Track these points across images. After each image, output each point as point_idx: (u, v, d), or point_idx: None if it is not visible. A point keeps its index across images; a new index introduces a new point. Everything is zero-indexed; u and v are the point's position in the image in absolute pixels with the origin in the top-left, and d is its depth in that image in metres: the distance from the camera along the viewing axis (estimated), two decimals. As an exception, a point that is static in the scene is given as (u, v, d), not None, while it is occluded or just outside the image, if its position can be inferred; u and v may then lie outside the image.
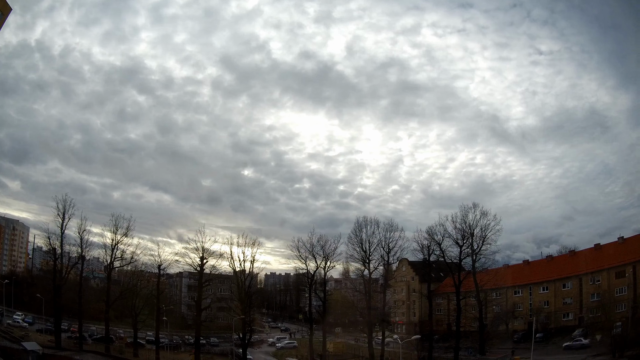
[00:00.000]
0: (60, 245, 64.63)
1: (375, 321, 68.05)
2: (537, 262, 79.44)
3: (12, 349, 52.99)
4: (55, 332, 62.81)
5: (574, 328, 64.31)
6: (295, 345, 78.46)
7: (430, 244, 66.63)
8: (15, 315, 74.29)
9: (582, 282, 66.87)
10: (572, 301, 67.96)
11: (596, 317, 60.43)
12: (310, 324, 69.87)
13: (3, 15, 35.67)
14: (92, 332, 72.64)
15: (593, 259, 67.11)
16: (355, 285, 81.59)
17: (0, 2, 34.67)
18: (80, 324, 65.98)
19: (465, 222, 64.21)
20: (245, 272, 65.77)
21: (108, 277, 70.13)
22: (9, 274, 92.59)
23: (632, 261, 59.98)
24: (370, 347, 64.19)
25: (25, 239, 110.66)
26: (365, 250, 67.24)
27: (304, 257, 67.50)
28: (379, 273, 72.87)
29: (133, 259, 68.20)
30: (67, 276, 65.72)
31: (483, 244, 63.58)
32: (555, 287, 70.42)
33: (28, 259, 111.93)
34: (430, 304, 69.99)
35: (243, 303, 64.64)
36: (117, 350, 64.52)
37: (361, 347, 70.71)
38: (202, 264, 64.32)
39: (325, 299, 69.94)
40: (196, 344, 63.25)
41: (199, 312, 64.62)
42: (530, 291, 73.57)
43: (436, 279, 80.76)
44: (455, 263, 66.44)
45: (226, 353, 67.80)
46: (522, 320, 71.96)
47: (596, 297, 63.71)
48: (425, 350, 63.50)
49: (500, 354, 61.12)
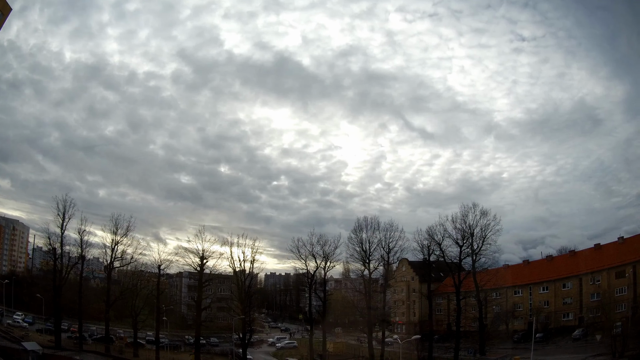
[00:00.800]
0: (60, 245, 64.63)
1: (375, 321, 68.02)
2: (537, 262, 79.54)
3: (12, 349, 52.94)
4: (55, 332, 62.73)
5: (574, 328, 64.41)
6: (295, 345, 78.43)
7: (430, 244, 66.73)
8: (15, 315, 74.29)
9: (582, 282, 66.86)
10: (572, 301, 67.98)
11: (596, 317, 60.25)
12: (310, 324, 69.85)
13: (3, 16, 35.70)
14: (92, 332, 72.61)
15: (593, 259, 67.13)
16: (355, 285, 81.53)
17: (0, 2, 34.70)
18: (80, 324, 65.92)
19: (465, 222, 64.41)
20: (245, 272, 65.80)
21: (108, 277, 70.15)
22: (9, 274, 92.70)
23: (632, 261, 60.03)
24: (370, 347, 64.16)
25: (25, 239, 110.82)
26: (365, 250, 67.26)
27: (304, 257, 67.57)
28: (379, 273, 72.90)
29: (133, 259, 68.37)
30: (67, 276, 65.59)
31: (483, 244, 63.79)
32: (555, 287, 70.45)
33: (28, 259, 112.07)
34: (430, 304, 69.99)
35: (243, 303, 64.62)
36: (117, 350, 64.44)
37: (361, 347, 70.66)
38: (202, 264, 64.36)
39: (325, 299, 69.87)
40: (196, 344, 63.21)
41: (199, 312, 64.61)
42: (530, 291, 73.59)
43: (436, 279, 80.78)
44: (455, 263, 66.45)
45: (226, 353, 67.77)
46: (522, 320, 71.94)
47: (596, 297, 63.63)
48: (425, 350, 63.51)
49: (500, 354, 61.13)
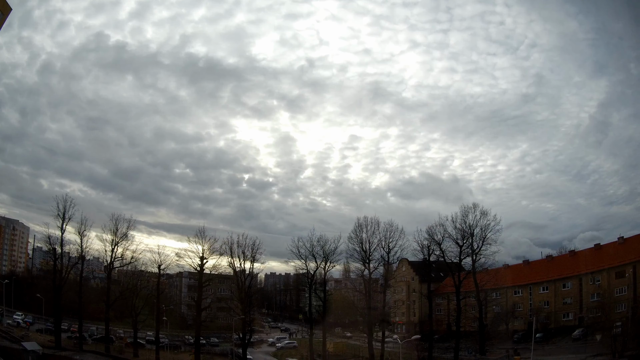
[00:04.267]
0: (60, 245, 64.65)
1: (375, 321, 67.96)
2: (537, 262, 79.44)
3: (12, 349, 52.90)
4: (55, 332, 62.73)
5: (574, 328, 64.37)
6: (295, 345, 78.41)
7: (430, 244, 66.58)
8: (15, 315, 74.22)
9: (582, 282, 66.82)
10: (572, 301, 67.96)
11: (596, 317, 60.26)
12: (310, 324, 69.81)
13: (3, 15, 35.71)
14: (92, 332, 72.52)
15: (593, 259, 67.09)
16: (355, 285, 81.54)
17: (0, 2, 34.71)
18: (80, 324, 65.90)
19: (465, 222, 64.35)
20: (245, 272, 65.84)
21: (108, 277, 70.15)
22: (9, 274, 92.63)
23: (632, 261, 59.96)
24: (370, 347, 64.07)
25: (25, 239, 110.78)
26: (365, 250, 67.11)
27: (303, 257, 67.59)
28: (379, 273, 72.77)
29: (133, 258, 68.38)
30: (67, 276, 65.61)
31: (483, 244, 63.71)
32: (555, 287, 70.42)
33: (28, 259, 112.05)
34: (430, 304, 69.94)
35: (243, 303, 64.65)
36: (117, 350, 64.45)
37: (361, 347, 70.62)
38: (202, 264, 64.38)
39: (325, 299, 69.87)
40: (196, 344, 63.26)
41: (199, 312, 64.64)
42: (530, 291, 73.58)
43: (436, 279, 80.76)
44: (455, 263, 66.43)
45: (226, 353, 67.81)
46: (522, 320, 71.87)
47: (596, 297, 63.59)
48: (425, 350, 63.52)
49: (500, 354, 61.12)
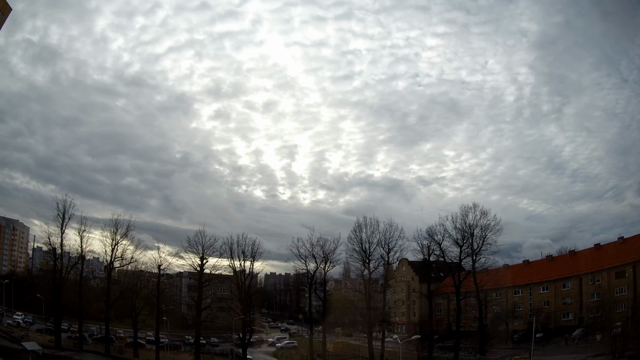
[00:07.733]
0: (60, 245, 64.65)
1: (375, 321, 67.97)
2: (537, 262, 79.30)
3: (12, 349, 52.89)
4: (55, 332, 62.72)
5: (574, 328, 64.25)
6: (295, 345, 78.34)
7: (430, 244, 66.74)
8: (15, 315, 74.22)
9: (582, 282, 66.79)
10: (572, 301, 67.90)
11: (596, 317, 60.41)
12: (310, 324, 69.87)
13: (3, 15, 35.72)
14: (92, 332, 72.47)
15: (593, 259, 67.06)
16: (355, 285, 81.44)
17: (0, 2, 34.73)
18: (80, 324, 65.88)
19: (465, 222, 64.54)
20: (245, 272, 65.81)
21: (108, 277, 70.14)
22: (9, 274, 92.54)
23: (632, 261, 59.98)
24: (370, 347, 64.05)
25: (25, 239, 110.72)
26: (365, 250, 67.15)
27: (303, 257, 67.62)
28: (379, 273, 72.74)
29: (133, 258, 68.35)
30: (67, 276, 65.60)
31: (483, 244, 63.86)
32: (555, 287, 70.38)
33: (28, 259, 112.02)
34: (430, 304, 69.96)
35: (243, 303, 64.63)
36: (117, 350, 64.41)
37: (361, 347, 70.55)
38: (202, 264, 64.35)
39: (325, 299, 69.91)
40: (196, 344, 63.24)
41: (199, 312, 64.61)
42: (530, 291, 73.53)
43: (436, 279, 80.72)
44: (455, 263, 66.51)
45: (226, 353, 67.81)
46: (522, 320, 71.80)
47: (596, 297, 63.68)
48: (425, 350, 63.48)
49: (500, 354, 61.13)
